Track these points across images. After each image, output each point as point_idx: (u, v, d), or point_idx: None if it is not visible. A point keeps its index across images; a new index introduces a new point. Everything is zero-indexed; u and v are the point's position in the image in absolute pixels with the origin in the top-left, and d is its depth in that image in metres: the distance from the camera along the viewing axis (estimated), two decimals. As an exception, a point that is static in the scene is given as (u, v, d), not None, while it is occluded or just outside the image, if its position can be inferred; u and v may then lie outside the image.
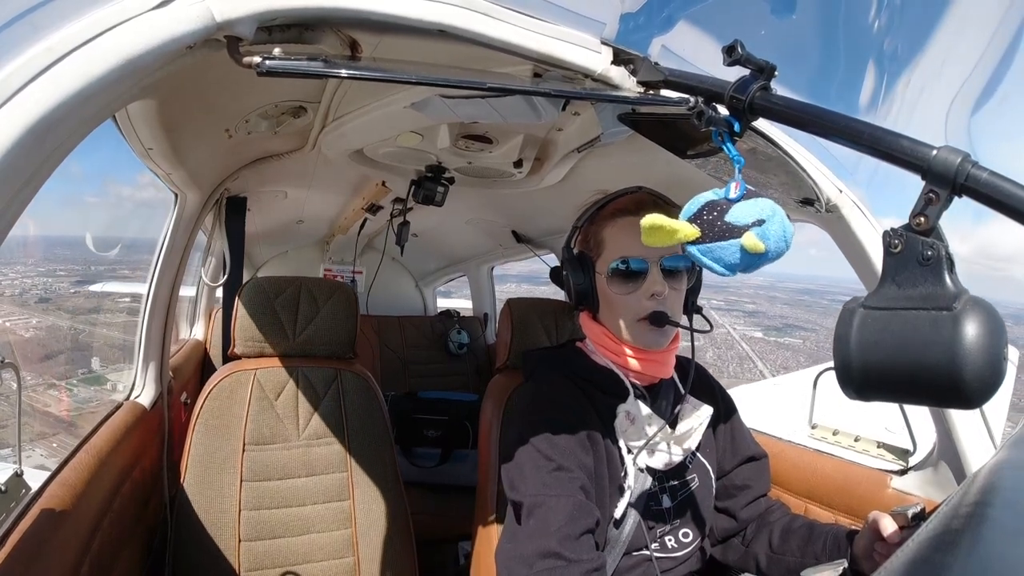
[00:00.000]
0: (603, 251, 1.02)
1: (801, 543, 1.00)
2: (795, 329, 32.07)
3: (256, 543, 1.36)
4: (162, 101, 0.93)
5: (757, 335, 31.93)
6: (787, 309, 32.48)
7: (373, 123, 1.27)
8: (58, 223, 20.39)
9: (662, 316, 0.98)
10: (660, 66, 0.74)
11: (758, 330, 32.72)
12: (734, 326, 31.08)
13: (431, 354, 3.13)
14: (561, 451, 0.92)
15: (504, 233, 2.47)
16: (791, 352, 29.83)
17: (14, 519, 0.82)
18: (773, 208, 0.64)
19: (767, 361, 28.80)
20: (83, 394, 7.37)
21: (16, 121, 0.44)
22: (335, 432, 1.49)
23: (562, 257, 1.10)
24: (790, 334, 32.00)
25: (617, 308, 1.01)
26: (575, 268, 1.05)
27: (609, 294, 1.01)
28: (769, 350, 30.19)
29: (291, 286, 1.54)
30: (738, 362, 28.17)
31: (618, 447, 1.00)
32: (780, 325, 33.11)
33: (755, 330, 32.57)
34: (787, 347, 30.59)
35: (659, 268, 0.98)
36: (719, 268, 0.66)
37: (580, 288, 1.04)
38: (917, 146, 0.49)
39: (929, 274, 0.47)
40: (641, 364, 1.03)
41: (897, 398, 0.50)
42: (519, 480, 0.92)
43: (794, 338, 31.41)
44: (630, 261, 0.99)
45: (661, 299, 0.98)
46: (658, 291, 0.97)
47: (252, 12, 0.55)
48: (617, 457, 1.00)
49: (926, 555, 0.29)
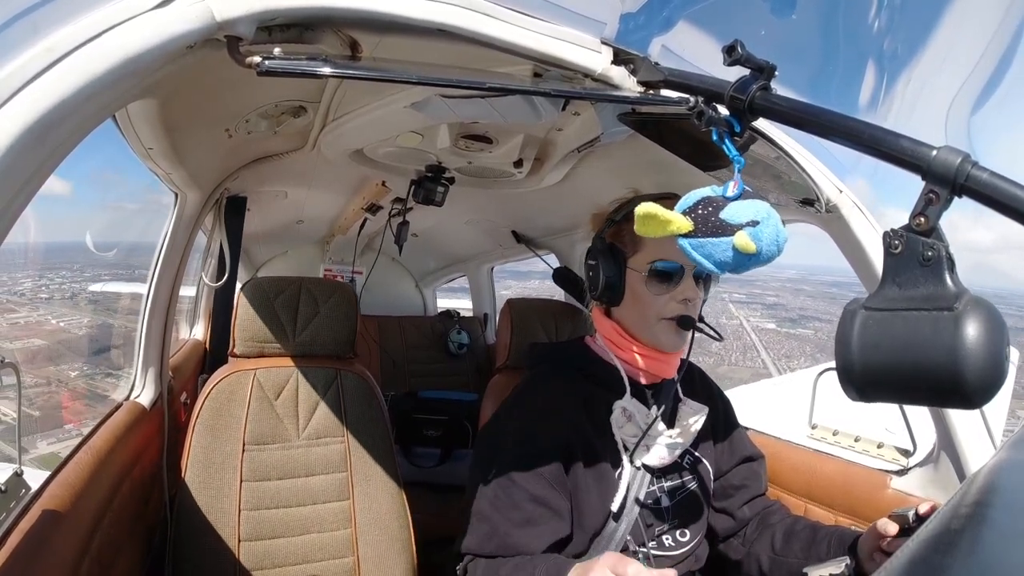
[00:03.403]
0: (640, 249, 1.04)
1: (804, 545, 1.00)
2: (811, 320, 31.67)
3: (256, 543, 1.36)
4: (162, 101, 0.93)
5: (770, 326, 31.64)
6: (810, 301, 32.01)
7: (373, 123, 1.27)
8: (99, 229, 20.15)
9: (690, 320, 1.02)
10: (660, 66, 0.74)
11: (772, 322, 32.37)
12: (748, 318, 30.85)
13: (431, 354, 3.12)
14: (524, 459, 0.98)
15: (504, 233, 2.47)
16: (798, 342, 29.68)
17: (14, 519, 0.82)
18: (769, 211, 0.64)
19: (772, 350, 28.67)
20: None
21: (16, 121, 0.44)
22: (335, 432, 1.49)
23: (593, 246, 1.11)
24: (804, 325, 31.65)
25: (644, 306, 1.03)
26: (607, 259, 1.06)
27: (640, 291, 1.03)
28: (777, 340, 30.01)
29: (291, 286, 1.54)
30: (742, 351, 28.03)
31: (614, 443, 1.01)
32: (796, 316, 32.68)
33: (769, 322, 32.23)
34: (797, 338, 30.37)
35: (691, 275, 1.02)
36: (708, 264, 0.66)
37: (611, 280, 1.05)
38: (917, 146, 0.49)
39: (930, 274, 0.47)
40: (648, 363, 1.05)
41: (899, 399, 0.50)
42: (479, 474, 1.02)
43: (807, 329, 31.10)
44: (669, 263, 1.01)
45: (691, 304, 1.02)
46: (691, 296, 1.02)
47: (252, 12, 0.55)
48: (611, 452, 1.01)
49: (926, 555, 0.29)
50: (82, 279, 8.21)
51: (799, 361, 28.22)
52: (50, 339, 8.40)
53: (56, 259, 8.71)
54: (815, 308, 31.48)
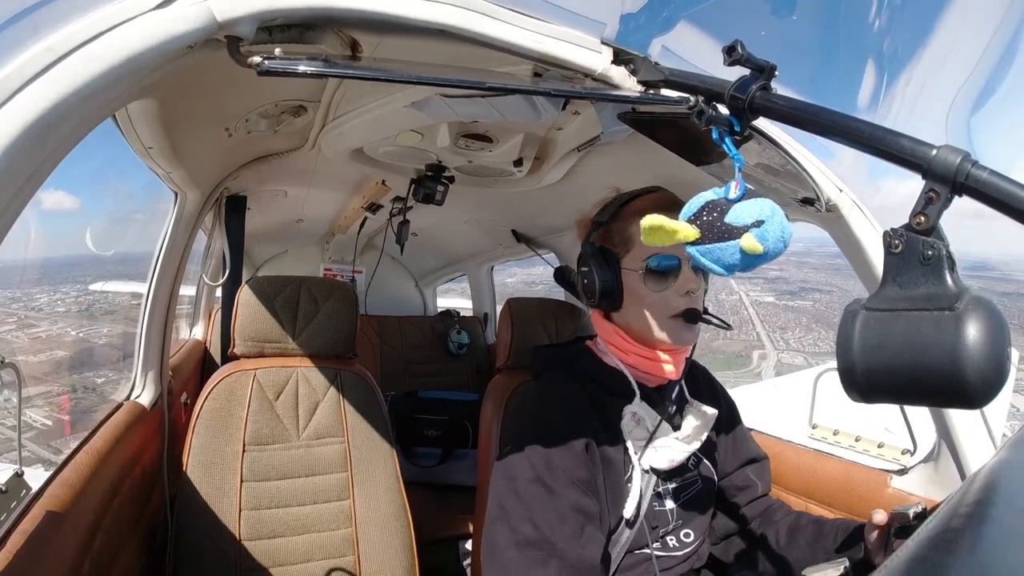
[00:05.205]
0: (632, 248, 1.01)
1: (810, 539, 1.00)
2: (811, 292, 31.11)
3: (256, 543, 1.36)
4: (162, 100, 0.93)
5: (769, 299, 31.14)
6: (812, 274, 31.45)
7: (373, 122, 1.27)
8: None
9: (696, 313, 0.99)
10: (660, 66, 0.74)
11: (771, 295, 31.82)
12: (748, 292, 30.50)
13: (431, 354, 3.12)
14: (552, 468, 0.91)
15: (504, 232, 2.47)
16: (795, 314, 29.30)
17: (15, 519, 0.82)
18: (772, 208, 0.64)
19: (767, 323, 28.41)
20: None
21: (16, 120, 0.44)
22: (335, 432, 1.49)
23: (583, 253, 1.07)
24: (803, 297, 31.09)
25: (647, 305, 1.00)
26: (600, 264, 1.02)
27: (640, 291, 1.00)
28: (775, 313, 29.65)
29: (291, 285, 1.54)
30: (738, 325, 27.70)
31: (625, 448, 1.00)
32: (796, 289, 31.97)
33: (768, 295, 31.66)
34: (794, 309, 29.92)
35: (690, 265, 0.98)
36: (718, 269, 0.66)
37: (607, 284, 1.02)
38: (917, 145, 0.49)
39: (930, 274, 0.47)
40: (653, 365, 1.02)
41: (901, 400, 0.50)
42: (511, 501, 0.92)
43: (805, 301, 30.63)
44: (666, 258, 0.98)
45: (695, 296, 0.99)
46: (692, 288, 0.98)
47: (252, 12, 0.55)
48: (623, 459, 0.99)
49: (926, 555, 0.29)
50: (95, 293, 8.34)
51: (794, 332, 28.05)
52: (71, 349, 8.50)
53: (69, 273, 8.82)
54: (817, 280, 30.96)
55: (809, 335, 27.74)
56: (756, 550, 1.09)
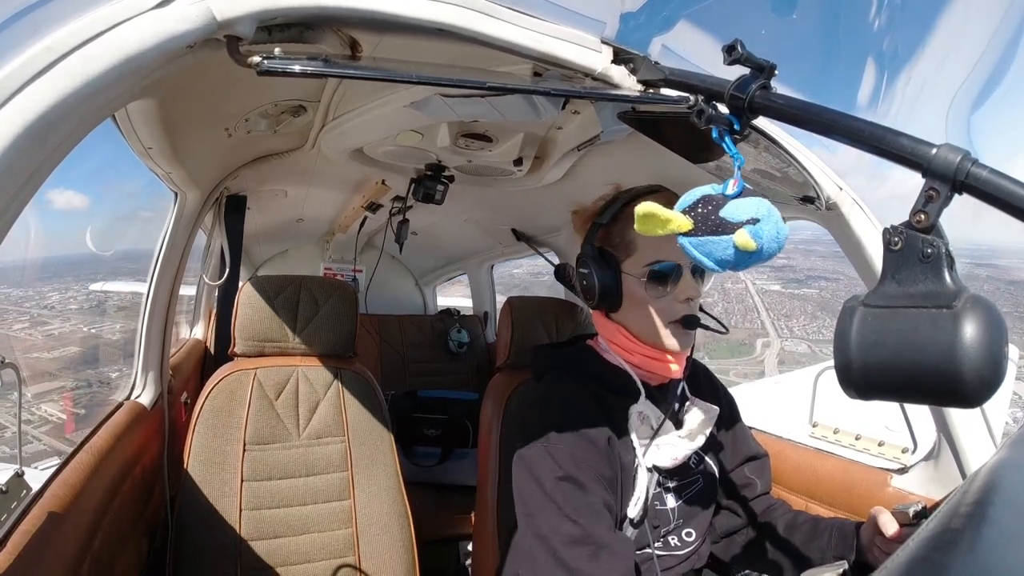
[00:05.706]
0: (634, 252, 1.01)
1: (806, 538, 1.00)
2: (817, 280, 30.87)
3: (257, 542, 1.36)
4: (162, 100, 0.93)
5: (775, 288, 30.99)
6: (820, 262, 31.25)
7: (373, 122, 1.27)
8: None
9: (695, 320, 0.99)
10: (660, 65, 0.74)
11: (778, 283, 31.70)
12: (755, 281, 30.40)
13: (431, 353, 3.12)
14: (579, 464, 0.91)
15: (504, 231, 2.47)
16: (800, 302, 29.09)
17: (16, 519, 0.82)
18: (769, 208, 0.64)
19: (772, 311, 28.30)
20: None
21: (16, 120, 0.44)
22: (335, 431, 1.49)
23: (583, 254, 1.06)
24: (809, 285, 30.89)
25: (648, 310, 1.00)
26: (601, 266, 1.02)
27: (640, 295, 1.00)
28: (780, 301, 29.51)
29: (291, 285, 1.54)
30: (743, 314, 27.62)
31: (630, 447, 1.00)
32: (803, 277, 31.78)
33: (775, 283, 31.52)
34: (800, 297, 29.70)
35: (690, 271, 0.99)
36: (709, 262, 0.66)
37: (607, 287, 1.01)
38: (917, 144, 0.49)
39: (929, 271, 0.47)
40: (657, 365, 1.02)
41: (898, 397, 0.50)
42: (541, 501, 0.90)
43: (811, 289, 30.44)
44: (666, 264, 0.98)
45: (693, 302, 0.99)
46: (692, 295, 0.98)
47: (252, 11, 0.55)
48: (629, 458, 0.99)
49: (926, 554, 0.29)
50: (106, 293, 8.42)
51: (798, 320, 27.98)
52: (84, 345, 8.57)
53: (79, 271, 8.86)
54: (824, 268, 30.73)
55: (814, 323, 27.64)
56: (755, 549, 1.09)
